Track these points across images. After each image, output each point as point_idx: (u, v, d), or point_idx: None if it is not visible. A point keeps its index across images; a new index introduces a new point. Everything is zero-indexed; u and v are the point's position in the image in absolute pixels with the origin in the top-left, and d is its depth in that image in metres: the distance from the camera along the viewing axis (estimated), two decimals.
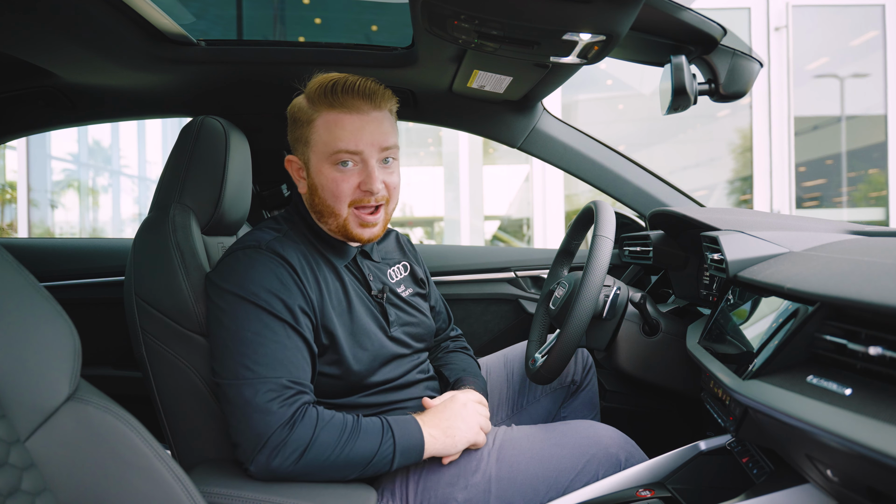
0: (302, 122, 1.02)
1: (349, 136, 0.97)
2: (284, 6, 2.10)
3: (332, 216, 1.02)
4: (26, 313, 0.61)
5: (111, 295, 1.72)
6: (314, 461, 0.87)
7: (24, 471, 0.55)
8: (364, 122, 0.98)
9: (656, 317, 1.21)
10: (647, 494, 0.90)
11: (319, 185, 1.01)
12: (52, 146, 9.38)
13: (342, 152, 0.98)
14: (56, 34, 1.14)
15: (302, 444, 0.86)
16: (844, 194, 8.09)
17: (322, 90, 0.99)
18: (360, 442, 0.89)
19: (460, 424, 0.98)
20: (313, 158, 1.01)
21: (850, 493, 0.62)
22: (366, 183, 0.99)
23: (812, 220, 1.17)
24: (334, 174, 0.99)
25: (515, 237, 9.67)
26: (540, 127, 1.64)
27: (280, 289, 0.94)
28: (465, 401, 1.02)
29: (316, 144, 1.00)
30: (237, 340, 0.90)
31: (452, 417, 0.98)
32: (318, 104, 0.99)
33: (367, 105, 0.98)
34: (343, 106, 0.98)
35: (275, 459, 0.85)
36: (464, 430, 0.98)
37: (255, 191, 1.76)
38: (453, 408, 1.00)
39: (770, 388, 0.67)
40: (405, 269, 1.22)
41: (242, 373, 0.88)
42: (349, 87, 0.98)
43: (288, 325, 0.92)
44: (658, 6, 1.07)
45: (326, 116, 0.99)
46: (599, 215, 1.14)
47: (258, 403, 0.86)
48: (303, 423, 0.87)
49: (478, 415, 1.02)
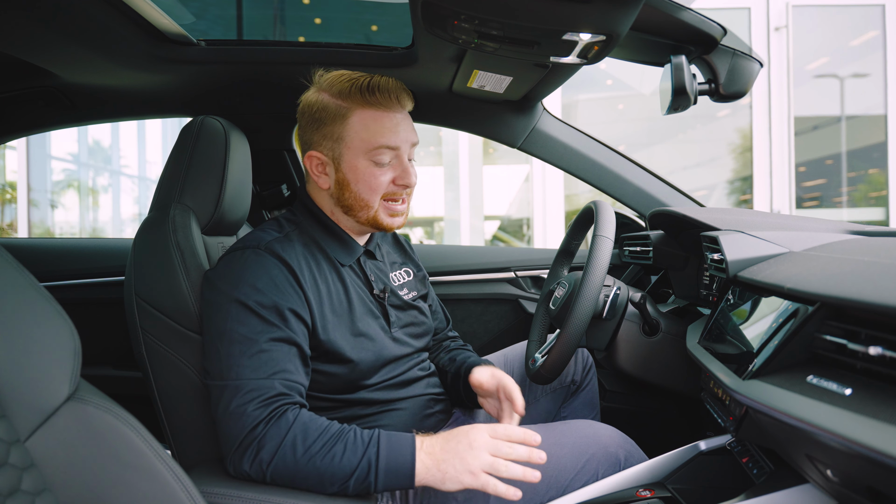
0: (330, 118, 1.03)
1: (389, 133, 1.01)
2: (284, 6, 2.09)
3: (363, 209, 1.04)
4: (26, 313, 0.61)
5: (111, 295, 1.72)
6: (285, 464, 0.83)
7: (24, 471, 0.55)
8: (399, 119, 1.04)
9: (656, 317, 1.21)
10: (647, 494, 0.90)
11: (353, 180, 1.03)
12: (52, 146, 9.38)
13: (382, 147, 1.01)
14: (56, 34, 1.14)
15: (273, 446, 0.83)
16: (844, 194, 8.09)
17: (357, 87, 1.01)
18: (339, 449, 0.84)
19: (455, 462, 0.85)
20: (347, 154, 1.02)
21: (850, 493, 0.62)
22: (402, 178, 1.04)
23: (812, 220, 1.17)
24: (372, 169, 1.02)
25: (515, 237, 9.68)
26: (540, 127, 1.64)
27: (273, 290, 0.93)
28: (476, 440, 0.86)
29: (352, 140, 1.02)
30: (225, 340, 0.90)
31: (451, 451, 0.86)
32: (350, 100, 1.01)
33: (398, 104, 1.03)
34: (380, 104, 1.01)
35: (245, 461, 0.84)
36: (457, 470, 0.84)
37: (255, 191, 1.75)
38: (460, 441, 0.87)
39: (770, 388, 0.67)
40: (408, 273, 1.23)
41: (226, 373, 0.88)
42: (385, 87, 1.01)
43: (277, 327, 0.92)
44: (658, 6, 1.07)
45: (362, 113, 1.01)
46: (599, 215, 1.14)
47: (237, 405, 0.86)
48: (277, 424, 0.85)
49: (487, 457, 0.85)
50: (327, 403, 1.02)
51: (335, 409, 1.02)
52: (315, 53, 1.36)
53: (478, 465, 0.85)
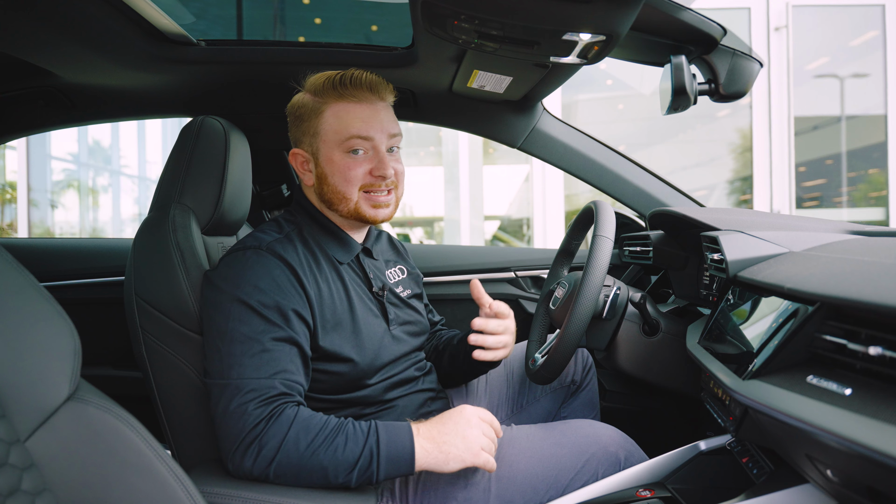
0: (308, 115, 1.04)
1: (361, 124, 1.02)
2: (284, 6, 2.10)
3: (342, 201, 1.04)
4: (26, 313, 0.61)
5: (111, 295, 1.72)
6: (289, 460, 0.84)
7: (24, 471, 0.55)
8: (373, 110, 1.03)
9: (656, 317, 1.21)
10: (647, 494, 0.90)
11: (329, 173, 1.03)
12: (52, 146, 9.39)
13: (354, 138, 1.01)
14: (56, 34, 1.14)
15: (276, 443, 0.84)
16: (844, 194, 8.10)
17: (330, 82, 1.02)
18: (340, 441, 0.85)
19: (458, 442, 0.89)
20: (323, 147, 1.03)
21: (850, 493, 0.62)
22: (378, 168, 1.03)
23: (812, 220, 1.17)
24: (346, 160, 1.03)
25: (515, 237, 9.68)
26: (540, 127, 1.64)
27: (275, 290, 0.94)
28: (472, 419, 0.92)
29: (326, 133, 1.03)
30: (227, 340, 0.90)
31: (451, 433, 0.90)
32: (326, 95, 1.03)
33: (373, 95, 1.03)
34: (352, 96, 1.02)
35: (248, 459, 0.85)
36: (460, 448, 0.89)
37: (255, 191, 1.76)
38: (457, 422, 0.91)
39: (770, 388, 0.67)
40: (402, 271, 1.24)
41: (227, 372, 0.89)
42: (356, 79, 1.02)
43: (279, 327, 0.92)
44: (658, 6, 1.07)
45: (335, 106, 1.02)
46: (599, 215, 1.14)
47: (237, 404, 0.86)
48: (277, 421, 0.85)
49: (482, 436, 0.92)
50: (327, 405, 1.02)
51: (335, 410, 1.02)
52: (315, 53, 1.36)
53: (476, 444, 0.90)
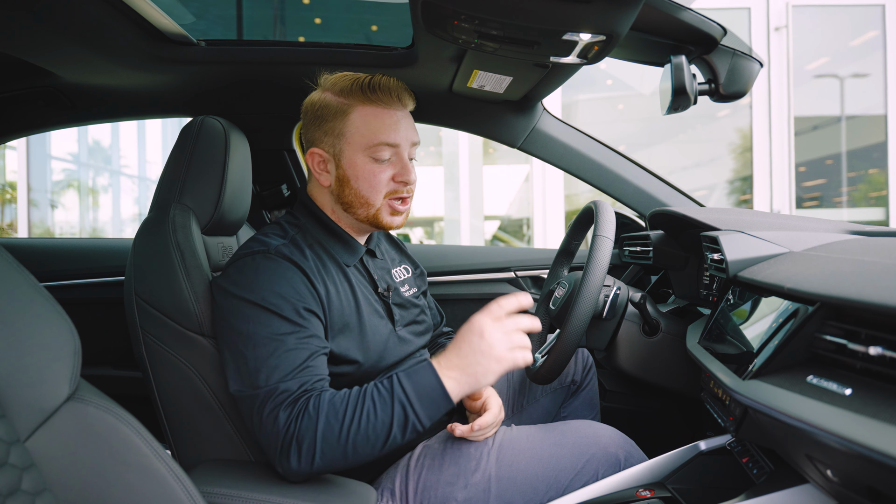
0: (332, 115, 1.03)
1: (389, 130, 1.02)
2: (284, 6, 2.10)
3: (364, 206, 1.04)
4: (26, 313, 0.61)
5: (111, 295, 1.72)
6: (330, 446, 0.84)
7: (24, 471, 0.55)
8: (399, 117, 1.04)
9: (656, 317, 1.21)
10: (647, 494, 0.90)
11: (353, 176, 1.03)
12: (52, 146, 9.39)
13: (382, 144, 1.01)
14: (56, 34, 1.14)
15: (311, 436, 0.84)
16: (844, 194, 8.10)
17: (358, 85, 1.02)
18: (370, 406, 0.85)
19: (479, 359, 0.87)
20: (347, 150, 1.02)
21: (850, 493, 0.62)
22: (402, 174, 1.04)
23: (812, 220, 1.17)
24: (371, 166, 1.02)
25: (515, 237, 9.68)
26: (540, 127, 1.64)
27: (291, 292, 0.93)
28: (483, 329, 0.88)
29: (352, 136, 1.02)
30: (250, 345, 0.90)
31: (469, 354, 0.88)
32: (352, 97, 1.02)
33: (399, 102, 1.04)
34: (381, 101, 1.02)
35: (292, 460, 0.84)
36: (484, 365, 0.87)
37: (255, 191, 1.75)
38: (470, 341, 0.88)
39: (770, 388, 0.67)
40: (407, 270, 1.23)
41: (255, 379, 0.88)
42: (385, 85, 1.02)
43: (300, 326, 0.92)
44: (658, 6, 1.07)
45: (363, 110, 1.02)
46: (599, 215, 1.14)
47: (269, 409, 0.86)
48: (306, 414, 0.85)
49: (502, 337, 0.88)
50: None
51: None
52: (315, 53, 1.36)
53: (500, 349, 0.88)
